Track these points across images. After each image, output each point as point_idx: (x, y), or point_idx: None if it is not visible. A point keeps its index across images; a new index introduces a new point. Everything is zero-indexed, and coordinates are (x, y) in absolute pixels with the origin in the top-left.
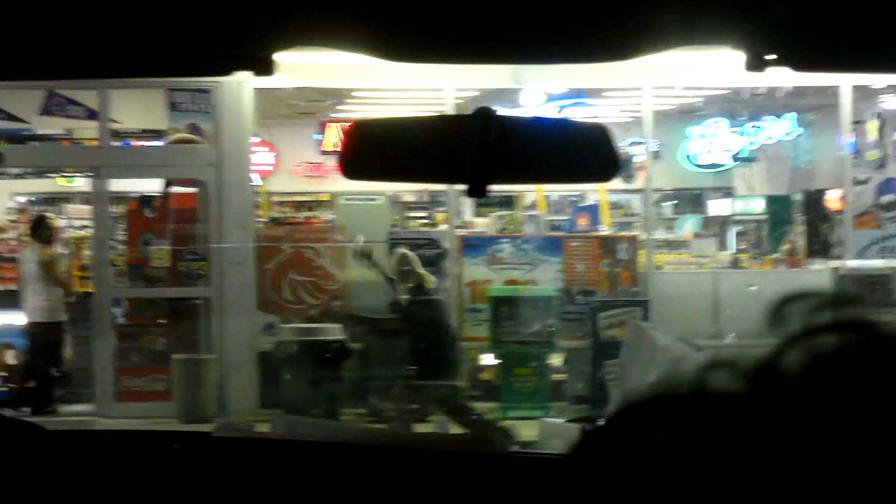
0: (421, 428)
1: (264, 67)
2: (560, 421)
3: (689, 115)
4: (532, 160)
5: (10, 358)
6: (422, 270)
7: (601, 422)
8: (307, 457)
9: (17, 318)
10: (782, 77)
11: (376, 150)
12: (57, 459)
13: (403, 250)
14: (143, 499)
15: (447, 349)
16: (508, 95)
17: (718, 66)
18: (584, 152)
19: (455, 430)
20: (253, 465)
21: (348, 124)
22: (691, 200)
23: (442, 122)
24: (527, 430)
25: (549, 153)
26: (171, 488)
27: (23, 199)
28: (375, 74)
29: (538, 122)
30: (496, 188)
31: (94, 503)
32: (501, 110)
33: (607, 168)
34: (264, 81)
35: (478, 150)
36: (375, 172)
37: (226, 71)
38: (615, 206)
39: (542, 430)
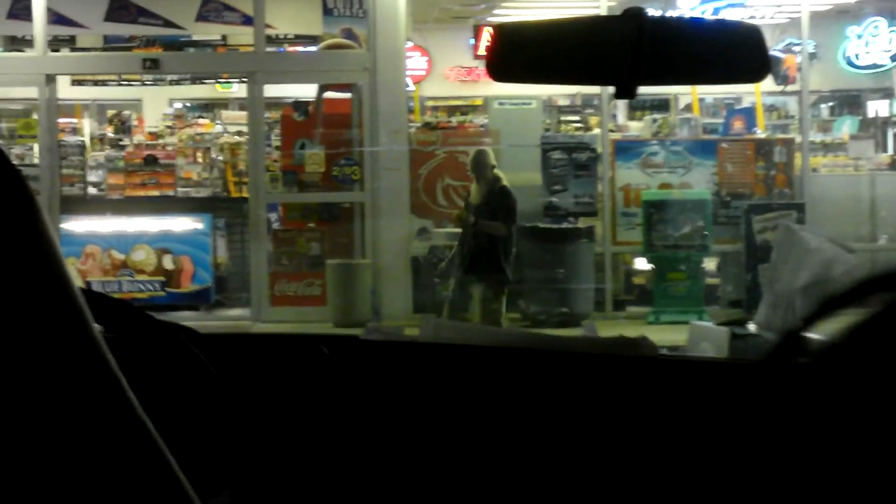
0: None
1: None
2: (710, 324)
3: (847, 14)
4: (682, 60)
5: (169, 263)
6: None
7: (750, 325)
8: (454, 360)
9: (176, 224)
10: None
11: (523, 51)
12: (211, 363)
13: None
14: (294, 402)
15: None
16: None
17: None
18: (734, 52)
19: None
20: (401, 368)
21: (494, 26)
22: (848, 102)
23: (590, 22)
24: (674, 335)
25: (700, 53)
26: (321, 391)
27: (179, 105)
28: None
29: (688, 21)
30: (648, 91)
31: (247, 405)
32: (651, 11)
33: (758, 68)
34: None
35: (626, 51)
36: (523, 74)
37: None
38: (771, 108)
39: (692, 333)
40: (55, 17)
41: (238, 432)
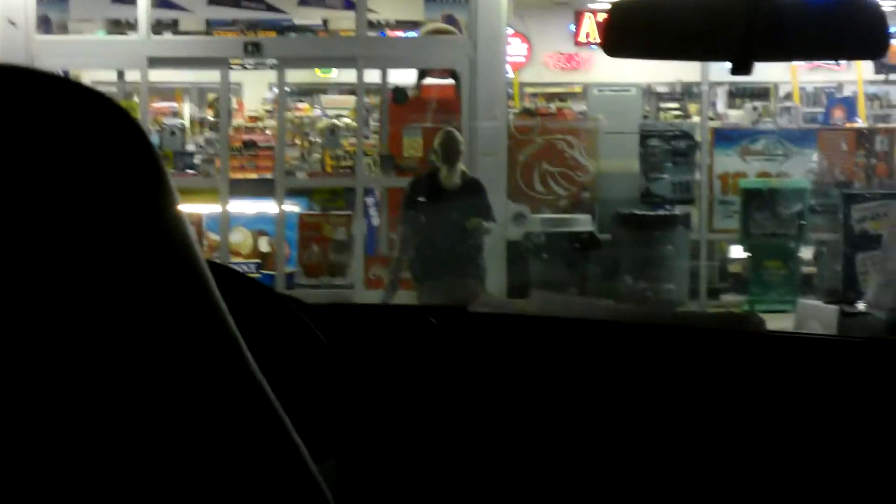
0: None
1: None
2: (819, 302)
3: None
4: (798, 35)
5: (265, 245)
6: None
7: (859, 304)
8: (562, 333)
9: (274, 207)
10: None
11: (639, 27)
12: (320, 331)
13: None
14: (402, 371)
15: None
16: None
17: None
18: (852, 27)
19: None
20: (509, 340)
21: (609, 6)
22: None
23: None
24: (773, 323)
25: (816, 28)
26: (429, 361)
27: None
28: None
29: None
30: (748, 79)
31: (355, 374)
32: None
33: (876, 44)
34: None
35: (743, 26)
36: (638, 50)
37: None
38: (872, 97)
39: (800, 311)
40: (159, 1)
41: (346, 400)
